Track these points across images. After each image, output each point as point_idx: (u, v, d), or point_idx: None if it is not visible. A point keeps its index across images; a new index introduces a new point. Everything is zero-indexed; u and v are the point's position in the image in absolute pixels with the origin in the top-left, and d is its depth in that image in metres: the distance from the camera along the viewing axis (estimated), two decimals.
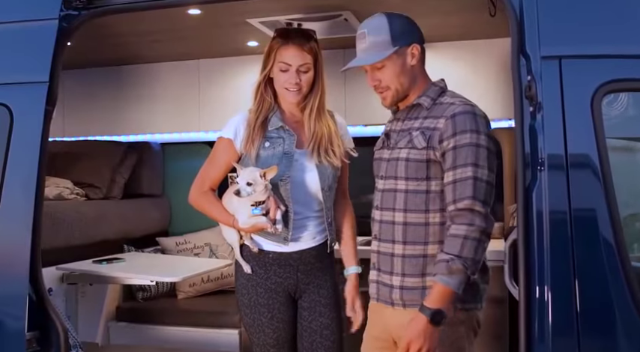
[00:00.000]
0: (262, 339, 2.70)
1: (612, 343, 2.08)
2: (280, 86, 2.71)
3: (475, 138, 2.24)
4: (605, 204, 2.07)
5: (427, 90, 2.40)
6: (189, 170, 4.95)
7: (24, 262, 2.50)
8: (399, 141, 2.37)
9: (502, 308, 3.59)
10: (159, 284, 4.39)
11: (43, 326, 2.57)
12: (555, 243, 2.10)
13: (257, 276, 2.71)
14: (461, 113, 2.25)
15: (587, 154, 2.10)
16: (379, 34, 2.35)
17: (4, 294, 2.54)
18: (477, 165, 2.24)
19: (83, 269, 3.54)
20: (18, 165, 2.52)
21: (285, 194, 2.66)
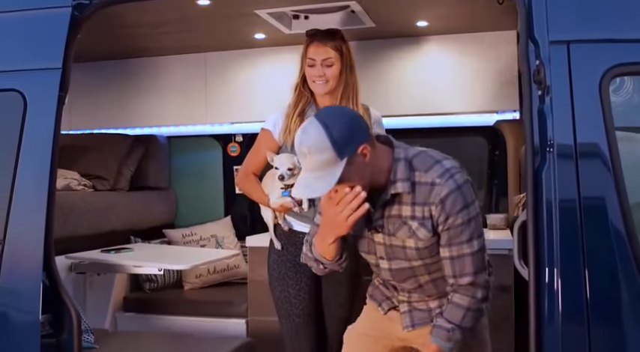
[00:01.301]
0: (289, 310, 3.00)
1: (621, 319, 2.10)
2: (310, 80, 3.01)
3: (466, 214, 2.24)
4: (613, 185, 2.10)
5: (396, 172, 2.26)
6: (195, 163, 5.06)
7: (38, 248, 2.52)
8: (397, 230, 2.32)
9: (508, 295, 3.62)
10: (165, 275, 4.43)
11: (56, 310, 2.60)
12: (564, 224, 2.12)
13: (287, 253, 3.02)
14: (447, 196, 2.21)
15: (595, 136, 2.13)
16: (321, 153, 2.13)
17: (19, 280, 2.56)
18: (471, 239, 2.26)
19: (92, 258, 3.57)
20: (32, 150, 2.54)
21: None
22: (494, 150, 4.42)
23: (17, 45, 2.67)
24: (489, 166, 4.46)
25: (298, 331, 3.01)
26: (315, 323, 3.04)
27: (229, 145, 4.85)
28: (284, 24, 3.74)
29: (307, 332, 3.01)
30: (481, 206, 4.45)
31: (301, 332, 3.00)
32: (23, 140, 2.55)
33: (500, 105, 4.07)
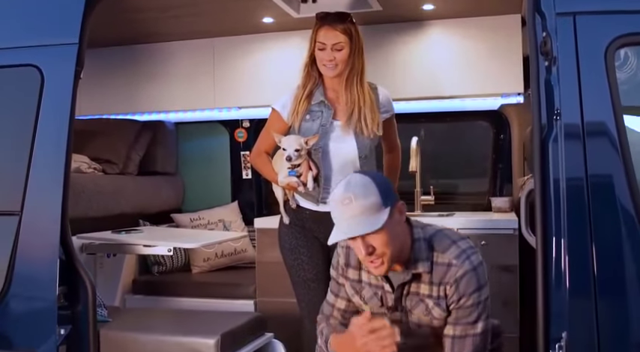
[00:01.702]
0: (303, 275, 3.10)
1: (627, 288, 2.14)
2: (319, 63, 3.07)
3: (477, 296, 2.29)
4: (619, 152, 2.16)
5: (417, 252, 2.31)
6: (202, 149, 5.11)
7: (55, 220, 2.57)
8: (414, 307, 2.37)
9: (513, 275, 3.67)
10: (174, 258, 4.48)
11: (71, 283, 2.65)
12: (571, 190, 2.17)
13: (296, 226, 3.15)
14: (462, 276, 2.27)
15: (601, 104, 2.18)
16: (368, 197, 2.18)
17: (36, 252, 2.61)
18: (476, 322, 2.30)
19: (103, 238, 3.62)
20: (49, 124, 2.60)
21: (317, 161, 3.03)
22: (499, 134, 4.48)
23: (34, 21, 2.72)
24: (494, 150, 4.51)
25: (312, 295, 3.07)
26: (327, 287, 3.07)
27: (236, 131, 4.91)
28: (292, 7, 3.79)
29: (321, 295, 2.98)
30: (486, 190, 4.54)
31: (315, 296, 3.04)
32: (40, 114, 2.60)
33: (505, 88, 4.11)
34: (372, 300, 2.42)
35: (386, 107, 3.16)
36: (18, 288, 2.59)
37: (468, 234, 3.65)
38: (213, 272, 4.55)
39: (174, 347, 2.70)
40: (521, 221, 2.48)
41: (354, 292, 2.47)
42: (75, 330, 2.64)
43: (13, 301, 2.57)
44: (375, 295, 2.41)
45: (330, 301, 2.55)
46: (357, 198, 2.17)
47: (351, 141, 3.06)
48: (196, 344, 2.66)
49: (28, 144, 2.60)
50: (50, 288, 2.57)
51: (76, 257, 2.68)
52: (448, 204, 4.46)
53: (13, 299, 2.57)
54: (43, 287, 2.59)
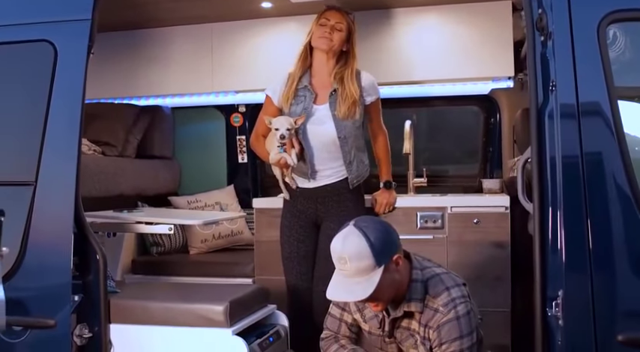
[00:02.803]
0: (282, 252, 3.46)
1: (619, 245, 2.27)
2: (316, 37, 3.37)
3: (458, 344, 2.42)
4: (612, 120, 2.28)
5: (412, 292, 2.48)
6: (198, 133, 5.20)
7: (69, 191, 2.67)
8: (404, 340, 2.56)
9: (504, 252, 3.79)
10: (172, 239, 4.57)
11: (83, 253, 2.74)
12: (567, 159, 2.30)
13: (289, 204, 3.47)
14: (444, 324, 2.42)
15: (595, 75, 2.31)
16: (362, 260, 2.34)
17: (50, 221, 2.70)
18: None
19: (106, 216, 3.68)
20: (63, 96, 2.69)
21: (300, 139, 3.33)
22: (489, 118, 4.59)
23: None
24: (484, 134, 4.63)
25: (286, 272, 3.44)
26: (300, 266, 3.41)
27: (232, 116, 4.99)
28: None
29: (291, 273, 3.41)
30: (476, 173, 4.67)
31: (287, 273, 3.43)
32: (54, 87, 2.69)
33: (495, 72, 4.22)
34: (371, 321, 2.60)
35: (369, 92, 3.42)
36: (33, 257, 2.67)
37: (461, 212, 3.85)
38: (210, 253, 4.64)
39: (184, 313, 2.78)
40: (518, 188, 2.59)
41: (357, 309, 2.64)
42: (87, 299, 2.73)
43: (28, 270, 2.66)
44: (376, 317, 2.58)
45: (336, 315, 2.69)
46: (351, 261, 2.35)
47: (329, 123, 3.33)
48: (205, 311, 2.75)
49: (43, 116, 2.69)
50: (65, 257, 2.66)
51: (87, 228, 2.77)
52: (440, 187, 4.58)
53: (28, 269, 2.66)
54: (58, 256, 2.68)
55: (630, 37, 2.54)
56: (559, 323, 2.22)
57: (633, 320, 2.24)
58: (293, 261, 3.41)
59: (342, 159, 3.34)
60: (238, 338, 2.71)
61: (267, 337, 2.93)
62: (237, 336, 2.73)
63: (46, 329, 2.62)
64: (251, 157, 5.01)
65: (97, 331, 2.74)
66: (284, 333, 3.10)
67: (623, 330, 2.19)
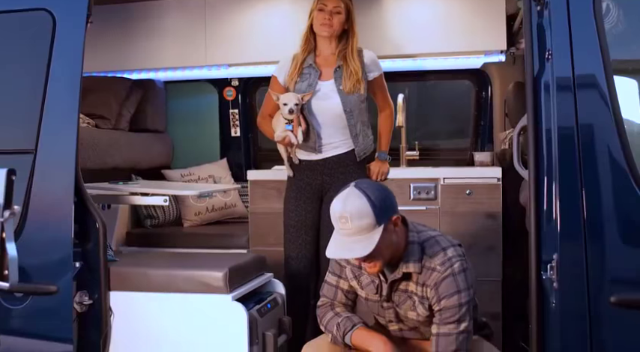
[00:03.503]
0: (287, 221, 3.52)
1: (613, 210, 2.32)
2: (316, 24, 3.45)
3: (457, 298, 2.47)
4: (607, 90, 2.32)
5: (410, 254, 2.52)
6: (191, 107, 5.21)
7: (70, 159, 2.68)
8: (402, 302, 2.60)
9: (496, 222, 3.86)
10: (166, 211, 4.60)
11: (83, 221, 2.76)
12: (562, 124, 2.33)
13: (294, 178, 3.54)
14: (442, 280, 2.48)
15: (590, 44, 2.34)
16: (363, 218, 2.39)
17: (51, 189, 2.71)
18: (459, 322, 2.48)
19: (102, 187, 3.70)
20: (62, 64, 2.70)
21: (307, 116, 3.43)
22: (481, 92, 4.64)
23: None
24: (476, 108, 4.68)
25: (290, 239, 3.49)
26: (307, 235, 3.48)
27: (225, 89, 5.00)
28: None
29: (297, 240, 3.47)
30: (468, 146, 4.72)
31: (291, 240, 3.49)
32: (53, 55, 2.70)
33: (488, 46, 4.25)
34: (368, 287, 2.63)
35: (371, 68, 3.51)
36: (34, 225, 2.69)
37: (453, 183, 3.90)
38: (204, 226, 4.68)
39: (183, 279, 2.82)
40: (514, 155, 2.64)
41: (353, 276, 2.67)
42: (87, 266, 2.76)
43: (29, 238, 2.67)
44: (372, 283, 2.62)
45: (332, 283, 2.72)
46: (352, 219, 2.39)
47: (335, 97, 3.43)
48: (205, 277, 2.79)
49: (42, 85, 2.70)
50: (66, 225, 2.68)
51: (87, 197, 2.79)
52: (432, 160, 4.63)
53: (29, 236, 2.67)
54: (59, 224, 2.70)
55: (623, 9, 2.58)
56: (553, 286, 2.27)
57: (625, 283, 2.30)
58: (300, 230, 3.47)
59: (348, 132, 3.45)
60: (238, 304, 2.76)
61: (265, 304, 2.97)
62: (236, 302, 2.77)
63: (47, 296, 2.64)
64: (244, 131, 5.03)
65: (96, 298, 2.77)
66: (281, 301, 3.15)
67: (616, 292, 2.25)
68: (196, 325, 2.80)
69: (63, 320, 2.66)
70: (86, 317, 2.74)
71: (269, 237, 4.12)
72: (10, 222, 2.18)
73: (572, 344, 2.29)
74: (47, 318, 2.69)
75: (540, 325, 2.35)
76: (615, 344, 2.27)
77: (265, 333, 2.85)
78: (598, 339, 2.25)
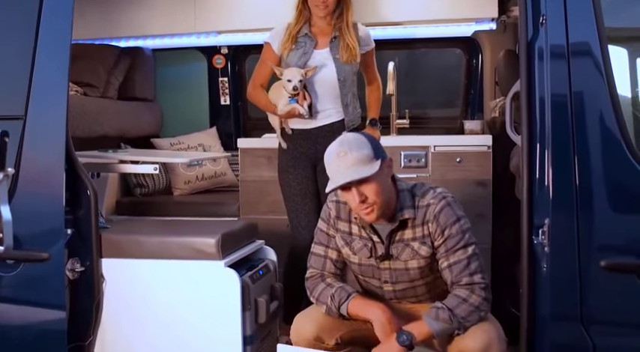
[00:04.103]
0: (289, 191, 3.52)
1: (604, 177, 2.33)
2: (312, 3, 3.43)
3: (458, 226, 2.53)
4: (600, 55, 2.32)
5: (402, 201, 2.56)
6: (180, 76, 5.17)
7: (60, 126, 2.65)
8: (400, 253, 2.59)
9: (486, 190, 3.88)
10: (155, 180, 4.59)
11: (74, 188, 2.75)
12: (556, 91, 2.34)
13: (288, 149, 3.55)
14: (440, 211, 2.53)
15: (585, 10, 2.33)
16: (362, 149, 2.43)
17: (41, 156, 2.69)
18: (466, 246, 2.52)
19: (91, 155, 3.68)
20: (51, 28, 2.65)
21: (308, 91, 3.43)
22: (472, 60, 4.63)
23: None
24: (466, 76, 4.68)
25: (296, 208, 3.48)
26: (312, 202, 3.48)
27: (215, 57, 4.96)
28: None
29: (302, 208, 3.47)
30: (458, 114, 4.72)
31: (297, 209, 3.49)
32: (42, 19, 2.64)
33: (479, 13, 4.24)
34: (361, 251, 2.64)
35: (366, 41, 3.53)
36: (24, 192, 2.65)
37: (444, 151, 3.91)
38: (194, 195, 4.67)
39: (176, 246, 2.82)
40: (507, 121, 2.64)
41: (344, 243, 2.67)
42: (78, 234, 2.76)
43: (19, 204, 2.63)
44: (365, 246, 2.62)
45: (320, 253, 2.73)
46: (351, 151, 2.42)
47: (330, 65, 3.44)
48: (197, 244, 2.79)
49: (31, 50, 2.65)
50: (57, 192, 2.66)
51: (78, 164, 2.78)
52: (422, 128, 4.63)
53: (19, 203, 2.64)
54: (50, 190, 2.67)
55: None
56: (544, 250, 2.29)
57: (615, 248, 2.33)
58: (305, 198, 3.48)
59: (339, 102, 3.47)
60: (230, 270, 2.76)
61: (257, 270, 2.98)
62: (229, 268, 2.77)
63: (39, 263, 2.63)
64: (233, 99, 5.01)
65: (88, 265, 2.77)
66: (273, 267, 3.16)
67: (606, 257, 2.27)
68: (189, 291, 2.80)
69: (55, 287, 2.65)
70: (78, 284, 2.74)
71: (259, 205, 4.12)
72: (4, 185, 2.17)
73: (562, 308, 2.32)
74: (39, 285, 2.68)
75: (531, 290, 2.38)
76: (605, 307, 2.31)
77: (257, 299, 2.86)
78: (588, 303, 2.29)
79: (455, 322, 2.46)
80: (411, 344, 2.46)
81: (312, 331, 2.62)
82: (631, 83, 2.90)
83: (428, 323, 2.47)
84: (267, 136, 4.22)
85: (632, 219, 2.33)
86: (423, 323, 2.48)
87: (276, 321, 3.21)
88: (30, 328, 2.67)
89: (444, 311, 2.46)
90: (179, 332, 2.81)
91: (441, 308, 2.47)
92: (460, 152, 3.91)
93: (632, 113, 2.85)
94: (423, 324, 2.48)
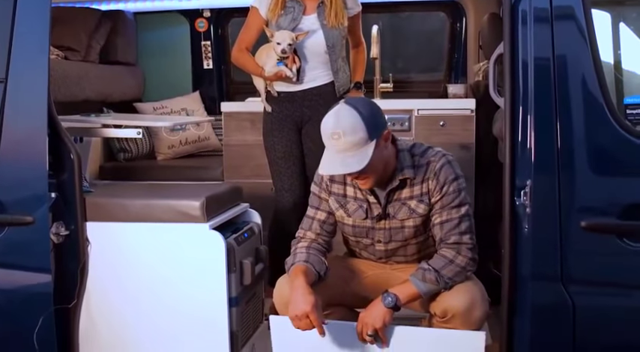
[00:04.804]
0: (273, 154, 3.56)
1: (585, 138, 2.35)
2: None
3: (457, 184, 2.56)
4: (584, 19, 2.32)
5: (402, 160, 2.57)
6: (162, 39, 5.12)
7: (42, 87, 2.63)
8: (397, 212, 2.60)
9: (469, 153, 3.91)
10: (139, 145, 4.57)
11: (57, 152, 2.73)
12: (539, 55, 2.34)
13: (274, 112, 3.55)
14: (440, 168, 2.56)
15: None
16: (356, 133, 2.39)
17: (23, 118, 2.67)
18: (460, 206, 2.55)
19: (73, 119, 3.65)
20: None
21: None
22: (455, 24, 4.63)
23: None
24: (450, 40, 4.68)
25: (280, 171, 3.53)
26: (295, 165, 3.53)
27: (197, 21, 4.92)
28: None
29: (287, 171, 3.51)
30: (441, 78, 4.73)
31: (282, 172, 3.53)
32: None
33: None
34: (355, 213, 2.65)
35: (351, 5, 3.52)
36: (7, 156, 2.65)
37: (427, 115, 3.93)
38: (178, 159, 4.67)
39: (161, 209, 2.81)
40: (490, 83, 2.66)
41: (339, 206, 2.67)
42: (62, 197, 2.75)
43: (3, 169, 2.63)
44: (360, 208, 2.63)
45: (309, 215, 2.74)
46: (345, 135, 2.39)
47: (319, 32, 3.45)
48: (182, 206, 2.79)
49: (10, 11, 2.62)
50: (40, 155, 2.64)
51: (61, 127, 2.75)
52: (406, 92, 4.64)
53: (3, 167, 2.63)
54: (33, 154, 2.65)
55: None
56: (526, 211, 2.32)
57: (596, 209, 2.36)
58: (289, 161, 3.52)
59: (329, 67, 3.49)
60: (215, 233, 2.77)
61: (242, 233, 2.99)
62: (214, 231, 2.78)
63: (24, 227, 2.63)
64: (216, 63, 4.98)
65: (73, 229, 2.75)
66: (257, 230, 3.17)
67: (586, 217, 2.31)
68: (174, 254, 2.81)
69: (40, 251, 2.65)
70: (63, 247, 2.73)
71: (243, 169, 4.13)
72: None
73: (543, 268, 2.36)
74: (25, 249, 2.68)
75: (513, 250, 2.41)
76: (585, 267, 2.35)
77: (243, 261, 2.88)
78: (568, 263, 2.33)
79: (441, 283, 2.50)
80: (396, 306, 2.50)
81: None
82: (613, 47, 2.93)
83: (415, 284, 2.50)
84: (250, 100, 4.21)
85: (613, 180, 2.36)
86: (410, 285, 2.51)
87: (262, 283, 3.23)
88: (16, 291, 2.68)
89: (430, 273, 2.50)
90: (164, 295, 2.82)
91: (427, 270, 2.50)
92: (443, 116, 3.93)
93: (614, 76, 2.89)
94: (409, 285, 2.51)
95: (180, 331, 2.82)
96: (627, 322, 2.33)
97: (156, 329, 2.84)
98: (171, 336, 2.83)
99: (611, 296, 2.36)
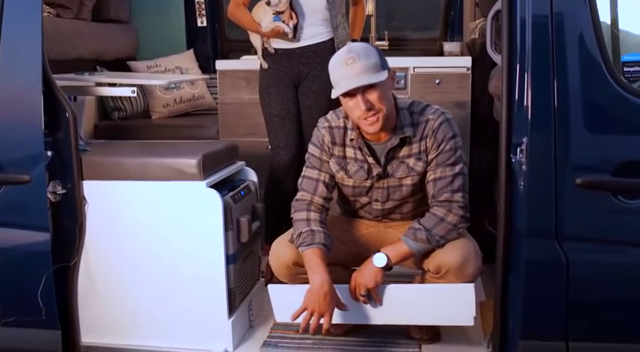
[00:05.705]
0: (269, 112, 3.54)
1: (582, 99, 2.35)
2: None
3: (454, 142, 2.60)
4: None
5: (402, 119, 2.61)
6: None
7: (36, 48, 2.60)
8: (396, 170, 2.63)
9: (465, 111, 3.91)
10: (133, 103, 4.55)
11: (52, 111, 2.72)
12: (537, 12, 2.31)
13: (271, 69, 3.52)
14: (439, 126, 2.59)
15: None
16: (370, 58, 2.45)
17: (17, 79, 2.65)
18: (455, 164, 2.59)
19: (67, 78, 3.62)
20: None
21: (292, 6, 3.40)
22: None
23: None
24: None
25: (275, 128, 3.52)
26: (292, 123, 3.52)
27: None
28: None
29: (282, 128, 3.50)
30: (437, 36, 4.70)
31: (276, 129, 3.52)
32: None
33: None
34: (357, 174, 2.68)
35: None
36: (2, 115, 2.65)
37: (423, 73, 3.91)
38: (172, 118, 4.66)
39: (157, 167, 2.81)
40: (487, 40, 2.64)
41: (339, 168, 2.70)
42: (58, 156, 2.74)
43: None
44: (362, 168, 2.66)
45: (312, 176, 2.74)
46: (360, 58, 2.44)
47: None
48: (178, 164, 2.79)
49: None
50: (35, 113, 2.63)
51: (55, 85, 2.73)
52: (401, 50, 4.62)
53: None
54: (28, 112, 2.64)
55: None
56: (522, 168, 2.33)
57: (591, 166, 2.36)
58: (284, 118, 3.50)
59: (329, 23, 3.45)
60: (212, 190, 2.78)
61: (239, 191, 3.00)
62: (210, 188, 2.79)
63: (20, 185, 2.64)
64: (211, 21, 4.92)
65: (70, 187, 2.76)
66: (254, 188, 3.18)
67: (582, 175, 2.32)
68: (171, 212, 2.82)
69: (38, 210, 2.65)
70: (61, 206, 2.74)
71: (239, 128, 4.13)
72: None
73: (538, 225, 2.37)
74: (22, 208, 2.69)
75: (508, 207, 2.42)
76: (579, 224, 2.36)
77: (240, 219, 2.89)
78: (563, 220, 2.34)
79: (433, 241, 2.55)
80: (388, 266, 2.53)
81: (289, 256, 2.70)
82: (611, 4, 2.90)
83: (406, 243, 2.55)
84: (245, 58, 4.18)
85: (608, 138, 2.36)
86: (402, 244, 2.56)
87: (258, 241, 3.26)
88: (15, 250, 2.69)
89: (421, 232, 2.54)
90: (162, 253, 2.84)
91: (418, 229, 2.55)
92: (439, 73, 3.92)
93: (611, 33, 2.87)
94: (401, 245, 2.56)
95: (178, 289, 2.85)
96: (620, 278, 2.35)
97: (154, 287, 2.87)
98: (169, 294, 2.86)
99: (604, 253, 2.38)
